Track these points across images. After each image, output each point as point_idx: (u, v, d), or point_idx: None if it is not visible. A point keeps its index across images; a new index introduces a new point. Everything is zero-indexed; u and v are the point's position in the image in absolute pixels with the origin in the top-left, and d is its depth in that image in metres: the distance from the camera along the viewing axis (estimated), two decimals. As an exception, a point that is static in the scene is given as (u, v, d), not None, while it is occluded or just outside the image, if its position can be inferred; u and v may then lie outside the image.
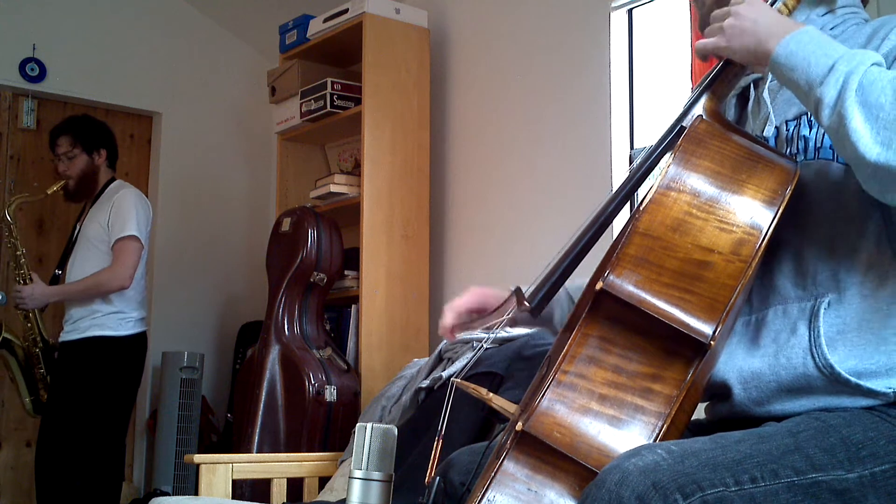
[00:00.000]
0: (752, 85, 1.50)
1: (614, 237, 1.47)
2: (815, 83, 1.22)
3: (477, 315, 1.60)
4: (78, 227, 3.87)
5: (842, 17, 1.46)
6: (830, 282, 1.32)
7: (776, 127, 1.42)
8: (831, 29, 1.44)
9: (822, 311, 1.30)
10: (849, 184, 1.33)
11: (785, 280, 1.36)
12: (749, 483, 1.15)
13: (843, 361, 1.28)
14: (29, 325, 3.83)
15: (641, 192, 1.33)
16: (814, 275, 1.33)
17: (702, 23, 1.54)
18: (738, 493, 1.14)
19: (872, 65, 1.21)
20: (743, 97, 1.52)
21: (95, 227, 3.76)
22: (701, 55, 1.39)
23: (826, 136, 1.35)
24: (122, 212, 3.72)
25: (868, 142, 1.16)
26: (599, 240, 1.36)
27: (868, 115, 1.17)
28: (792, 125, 1.40)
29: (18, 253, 3.80)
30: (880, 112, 1.16)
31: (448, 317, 1.60)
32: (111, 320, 3.72)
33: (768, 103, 1.42)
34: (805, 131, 1.38)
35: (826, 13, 1.46)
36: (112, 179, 3.89)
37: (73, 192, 3.84)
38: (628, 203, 1.40)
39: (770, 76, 1.45)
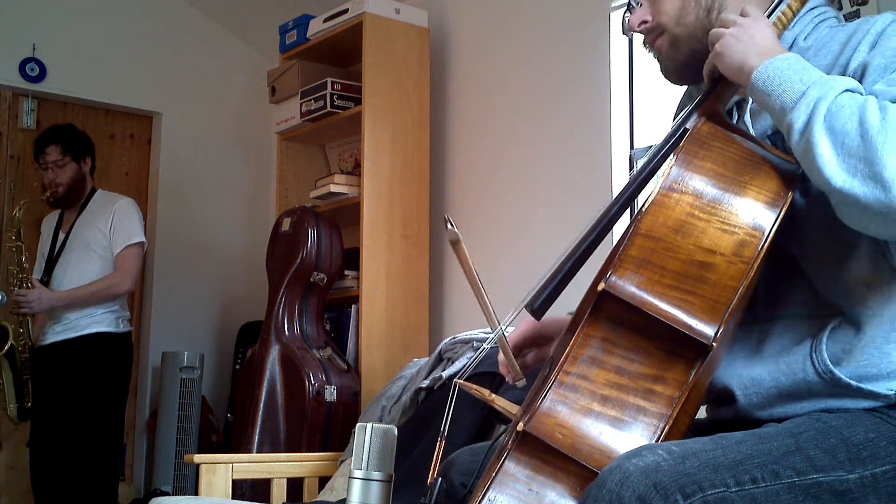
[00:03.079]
0: (735, 107, 1.50)
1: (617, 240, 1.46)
2: (787, 108, 1.23)
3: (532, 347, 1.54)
4: (62, 234, 3.89)
5: (820, 16, 1.45)
6: (839, 303, 1.32)
7: None
8: (813, 28, 1.44)
9: (828, 328, 1.30)
10: None
11: (795, 296, 1.35)
12: (750, 483, 1.15)
13: (843, 369, 1.28)
14: (21, 330, 3.83)
15: (644, 194, 1.33)
16: (821, 294, 1.33)
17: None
18: (738, 493, 1.14)
19: (844, 91, 1.20)
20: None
21: (95, 233, 3.81)
22: (706, 74, 1.40)
23: None
24: (127, 219, 3.83)
25: (834, 169, 1.17)
26: (602, 242, 1.36)
27: (834, 142, 1.17)
28: (778, 140, 1.39)
29: (23, 257, 3.82)
30: (845, 139, 1.16)
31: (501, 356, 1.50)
32: (109, 318, 3.80)
33: (750, 126, 1.42)
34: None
35: (822, 5, 1.46)
36: (94, 189, 3.96)
37: (62, 199, 3.87)
38: (632, 205, 1.40)
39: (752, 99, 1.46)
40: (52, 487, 3.70)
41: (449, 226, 1.35)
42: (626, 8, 1.53)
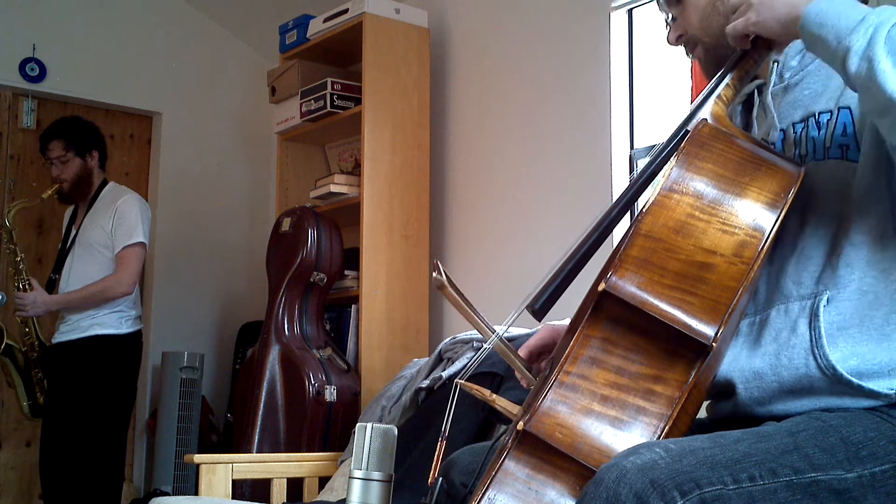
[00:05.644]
0: (756, 91, 1.51)
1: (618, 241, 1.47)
2: (844, 35, 1.23)
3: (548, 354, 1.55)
4: (74, 230, 3.86)
5: None
6: (830, 278, 1.33)
7: (782, 130, 1.43)
8: None
9: (821, 307, 1.31)
10: (855, 181, 1.34)
11: (787, 279, 1.37)
12: (747, 482, 1.16)
13: (845, 360, 1.28)
14: (27, 329, 3.83)
15: (645, 195, 1.34)
16: (814, 272, 1.35)
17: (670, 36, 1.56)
18: (736, 491, 1.14)
19: None
20: (748, 104, 1.53)
21: (98, 231, 3.76)
22: (732, 37, 1.39)
23: (836, 135, 1.36)
24: (128, 218, 3.75)
25: None
26: (604, 243, 1.36)
27: None
28: (799, 128, 1.41)
29: (18, 259, 3.79)
30: None
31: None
32: (112, 319, 3.75)
33: (772, 108, 1.43)
34: (814, 133, 1.39)
35: None
36: (105, 182, 3.91)
37: (69, 195, 3.84)
38: (633, 206, 1.40)
39: (773, 82, 1.46)
40: (60, 486, 3.70)
41: (435, 273, 1.37)
42: (666, 23, 1.59)
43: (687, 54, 1.58)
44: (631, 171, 3.16)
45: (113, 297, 3.72)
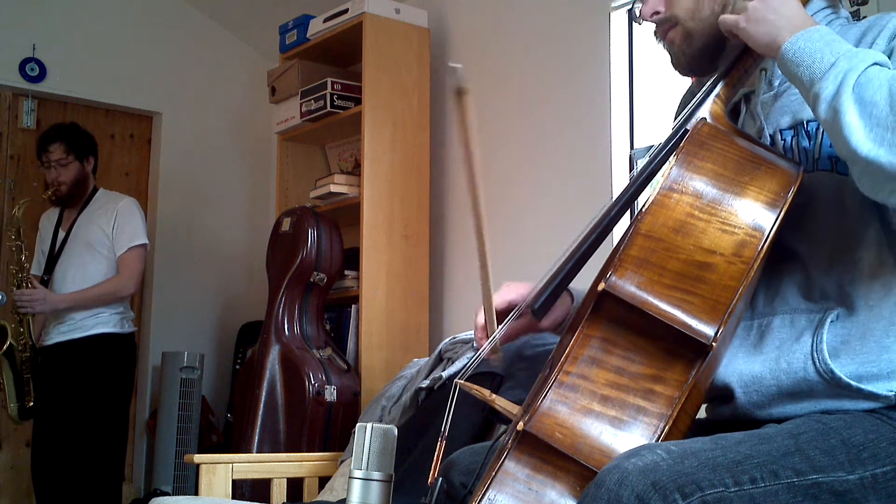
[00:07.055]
0: (742, 100, 1.50)
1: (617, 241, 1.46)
2: (815, 78, 1.23)
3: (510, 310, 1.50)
4: (62, 233, 3.88)
5: (825, 18, 1.46)
6: (838, 295, 1.33)
7: (770, 136, 1.42)
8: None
9: (828, 322, 1.31)
10: (848, 194, 1.33)
11: (793, 289, 1.36)
12: (749, 484, 1.15)
13: (844, 366, 1.28)
14: (21, 329, 3.83)
15: (644, 195, 1.34)
16: (821, 287, 1.34)
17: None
18: (737, 493, 1.14)
19: (873, 64, 1.21)
20: (734, 111, 1.52)
21: (97, 232, 3.80)
22: (723, 28, 1.39)
23: (824, 147, 1.36)
24: (130, 221, 3.82)
25: (860, 137, 1.17)
26: (603, 243, 1.36)
27: (862, 112, 1.18)
28: (788, 135, 1.40)
29: (22, 257, 3.81)
30: (874, 109, 1.17)
31: (481, 316, 1.50)
32: (114, 319, 3.81)
33: (761, 115, 1.43)
34: (805, 142, 1.38)
35: (826, 7, 1.46)
36: (95, 188, 3.95)
37: (65, 198, 3.86)
38: (632, 206, 1.40)
39: (762, 90, 1.46)
40: (55, 488, 3.70)
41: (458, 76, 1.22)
42: None
43: (655, 34, 1.52)
44: (631, 171, 3.16)
45: (121, 297, 3.80)
